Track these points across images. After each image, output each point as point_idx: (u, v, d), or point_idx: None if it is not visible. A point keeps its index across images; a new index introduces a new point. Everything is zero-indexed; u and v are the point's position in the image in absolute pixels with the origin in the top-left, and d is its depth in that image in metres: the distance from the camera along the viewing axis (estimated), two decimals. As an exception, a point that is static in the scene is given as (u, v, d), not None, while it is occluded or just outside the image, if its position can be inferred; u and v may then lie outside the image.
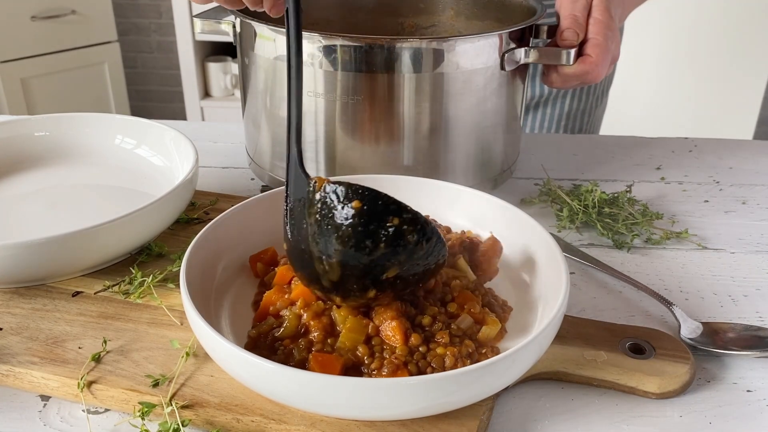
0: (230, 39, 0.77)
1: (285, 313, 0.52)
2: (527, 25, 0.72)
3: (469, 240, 0.60)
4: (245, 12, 0.73)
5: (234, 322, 0.55)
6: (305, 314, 0.51)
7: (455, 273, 0.57)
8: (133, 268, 0.62)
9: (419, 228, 0.47)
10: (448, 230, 0.62)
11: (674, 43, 2.54)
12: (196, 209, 0.75)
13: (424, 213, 0.64)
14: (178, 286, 0.59)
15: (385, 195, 0.47)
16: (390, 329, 0.49)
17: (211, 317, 0.52)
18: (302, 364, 0.49)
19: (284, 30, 0.68)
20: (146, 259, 0.66)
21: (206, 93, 2.99)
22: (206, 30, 0.78)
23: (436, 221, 0.63)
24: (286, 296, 0.54)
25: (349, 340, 0.49)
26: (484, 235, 0.64)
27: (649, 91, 2.63)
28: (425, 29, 0.94)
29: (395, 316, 0.50)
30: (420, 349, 0.49)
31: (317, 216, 0.48)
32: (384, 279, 0.48)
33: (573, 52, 0.70)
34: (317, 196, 0.48)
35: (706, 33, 2.50)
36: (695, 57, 2.55)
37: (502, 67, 0.70)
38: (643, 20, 2.52)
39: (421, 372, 0.48)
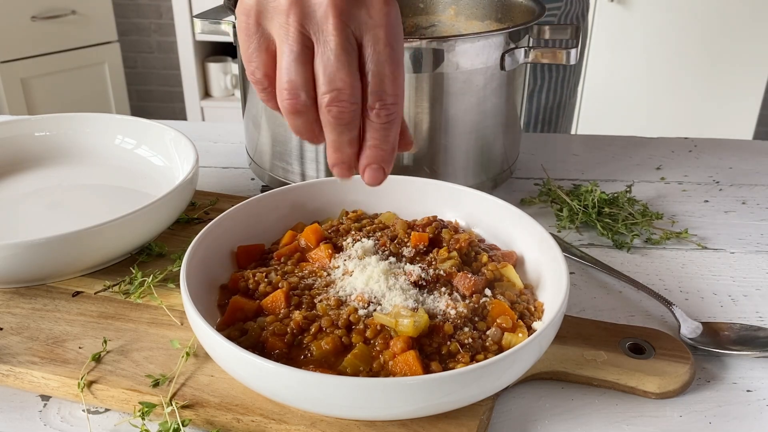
0: (230, 39, 0.77)
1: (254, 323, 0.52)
2: (527, 25, 0.72)
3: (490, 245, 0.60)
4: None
5: (234, 322, 0.55)
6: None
7: (500, 283, 0.56)
8: (133, 268, 0.62)
9: None
10: (456, 230, 0.62)
11: (674, 43, 2.54)
12: (196, 209, 0.75)
13: (424, 213, 0.64)
14: (178, 286, 0.59)
15: None
16: (404, 363, 0.47)
17: (211, 317, 0.52)
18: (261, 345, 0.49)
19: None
20: (146, 259, 0.66)
21: (206, 93, 2.99)
22: (206, 30, 0.78)
23: (442, 221, 0.63)
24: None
25: (351, 366, 0.48)
26: (483, 234, 0.64)
27: (649, 91, 2.63)
28: (425, 29, 0.94)
29: (407, 348, 0.47)
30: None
31: None
32: None
33: (573, 52, 0.70)
34: None
35: (707, 33, 2.50)
36: (695, 57, 2.55)
37: (502, 67, 0.70)
38: (644, 20, 2.52)
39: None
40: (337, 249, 0.59)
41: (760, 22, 2.46)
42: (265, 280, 0.55)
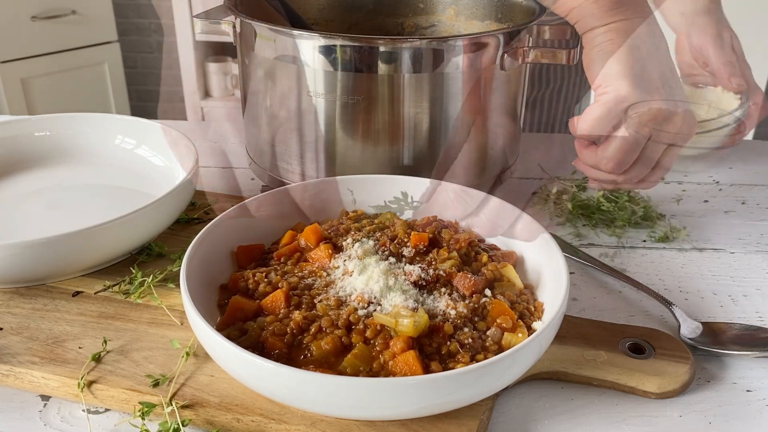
0: (230, 39, 0.77)
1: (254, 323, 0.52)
2: (527, 25, 0.72)
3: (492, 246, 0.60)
4: (245, 12, 0.73)
5: (234, 322, 0.55)
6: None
7: (500, 283, 0.56)
8: (133, 268, 0.62)
9: None
10: (456, 230, 0.62)
11: (673, 43, 2.54)
12: (196, 209, 0.75)
13: (425, 213, 0.64)
14: (178, 286, 0.59)
15: None
16: (404, 363, 0.47)
17: (211, 317, 0.52)
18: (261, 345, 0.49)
19: (284, 30, 0.68)
20: (146, 259, 0.66)
21: (206, 93, 2.99)
22: (206, 30, 0.78)
23: (442, 221, 0.63)
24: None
25: (352, 367, 0.47)
26: (483, 235, 0.64)
27: (649, 91, 2.63)
28: (425, 29, 0.94)
29: (407, 348, 0.47)
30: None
31: None
32: None
33: (573, 52, 0.69)
34: None
35: (706, 33, 2.50)
36: (695, 57, 2.54)
37: (502, 67, 0.70)
38: (643, 20, 2.51)
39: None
40: (337, 249, 0.59)
41: (760, 22, 2.46)
42: (265, 280, 0.55)
